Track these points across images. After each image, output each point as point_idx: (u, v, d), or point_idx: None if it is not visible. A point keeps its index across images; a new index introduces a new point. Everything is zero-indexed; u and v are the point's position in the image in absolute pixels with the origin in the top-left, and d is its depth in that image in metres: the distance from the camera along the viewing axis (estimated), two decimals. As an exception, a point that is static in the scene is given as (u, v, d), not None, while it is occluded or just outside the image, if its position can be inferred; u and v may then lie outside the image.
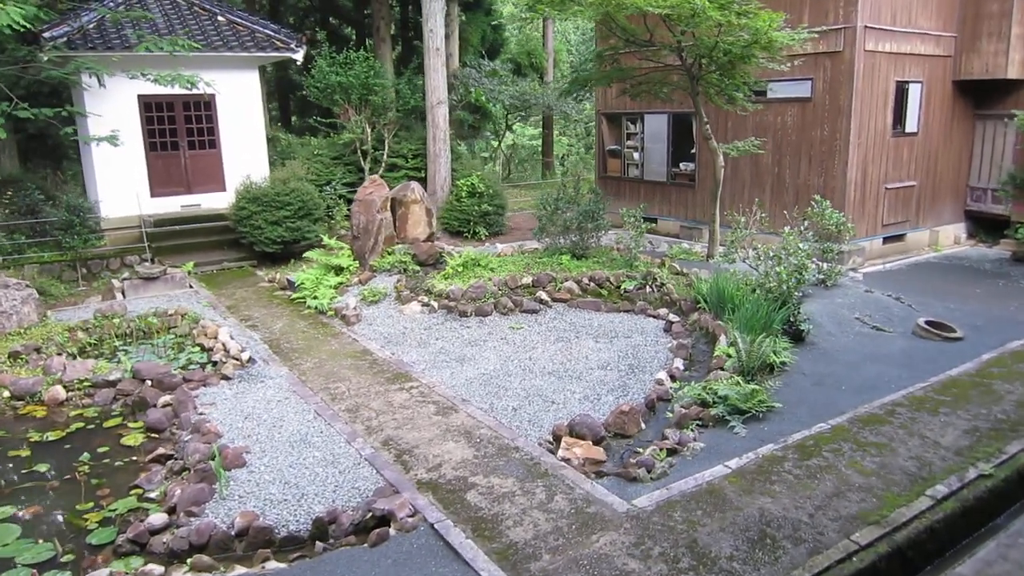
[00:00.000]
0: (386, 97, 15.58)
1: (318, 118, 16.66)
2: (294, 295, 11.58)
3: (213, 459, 6.31)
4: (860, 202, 13.37)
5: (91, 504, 6.22)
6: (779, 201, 14.06)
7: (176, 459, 6.77)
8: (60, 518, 6.06)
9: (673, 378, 8.03)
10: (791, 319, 8.83)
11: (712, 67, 10.82)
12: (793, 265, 8.97)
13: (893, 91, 13.43)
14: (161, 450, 6.94)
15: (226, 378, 8.52)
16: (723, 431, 6.85)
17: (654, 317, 10.11)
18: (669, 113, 16.05)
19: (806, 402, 7.43)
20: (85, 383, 8.48)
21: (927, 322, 9.43)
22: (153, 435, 7.45)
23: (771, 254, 9.17)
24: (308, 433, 7.05)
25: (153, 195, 15.14)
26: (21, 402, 8.23)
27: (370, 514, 5.65)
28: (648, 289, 10.73)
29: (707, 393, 7.24)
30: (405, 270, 11.80)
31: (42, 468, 6.85)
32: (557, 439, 6.78)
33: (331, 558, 5.15)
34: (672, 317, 9.79)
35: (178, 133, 15.28)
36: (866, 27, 12.63)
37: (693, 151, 15.88)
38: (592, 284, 11.00)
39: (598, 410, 7.47)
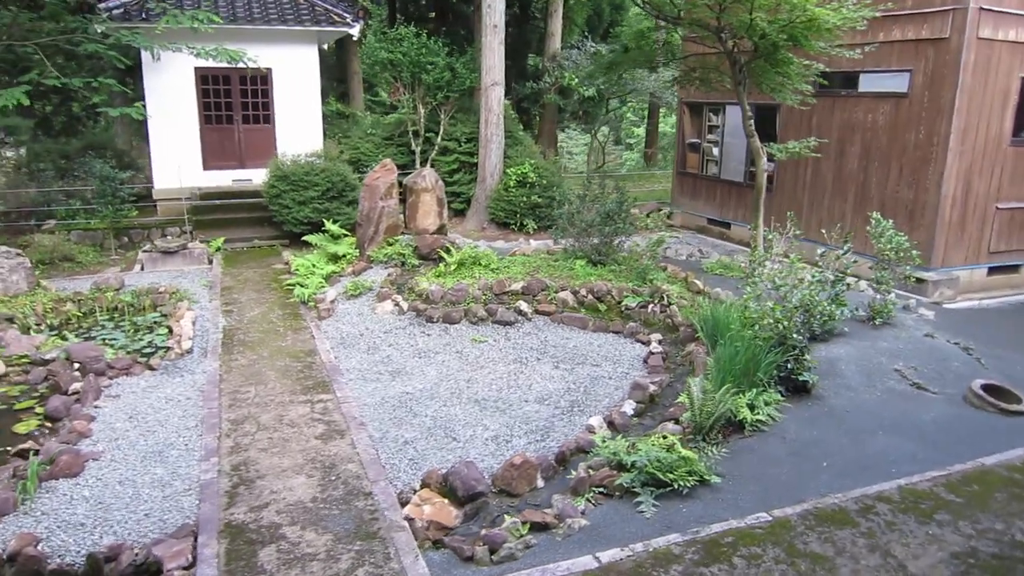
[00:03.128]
0: (440, 76, 14.73)
1: (369, 97, 16.10)
2: (288, 281, 11.09)
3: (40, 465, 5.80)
4: (958, 223, 10.94)
5: (-75, 496, 5.90)
6: (861, 214, 11.84)
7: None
8: None
9: (611, 425, 6.66)
10: (790, 366, 7.12)
11: (755, 51, 9.02)
12: (798, 300, 7.22)
13: (1017, 90, 10.83)
14: (29, 443, 6.56)
15: (151, 368, 8.11)
16: (628, 506, 5.48)
17: (643, 343, 8.64)
18: (752, 104, 14.03)
19: (762, 479, 5.85)
20: (24, 360, 8.36)
21: (984, 386, 7.34)
22: (49, 424, 7.11)
23: (777, 283, 7.44)
24: (173, 444, 6.41)
25: (206, 168, 15.26)
26: (-39, 371, 8.23)
27: (151, 558, 4.89)
28: (651, 308, 9.23)
29: (627, 453, 5.85)
30: (403, 263, 10.97)
31: (-88, 446, 6.66)
32: (427, 487, 5.71)
33: (69, 608, 4.45)
34: (655, 347, 8.29)
35: (233, 107, 15.28)
36: (981, 9, 10.18)
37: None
38: (590, 296, 9.64)
39: (503, 454, 6.29)
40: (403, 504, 5.48)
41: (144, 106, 12.25)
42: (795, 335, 7.02)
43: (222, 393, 7.42)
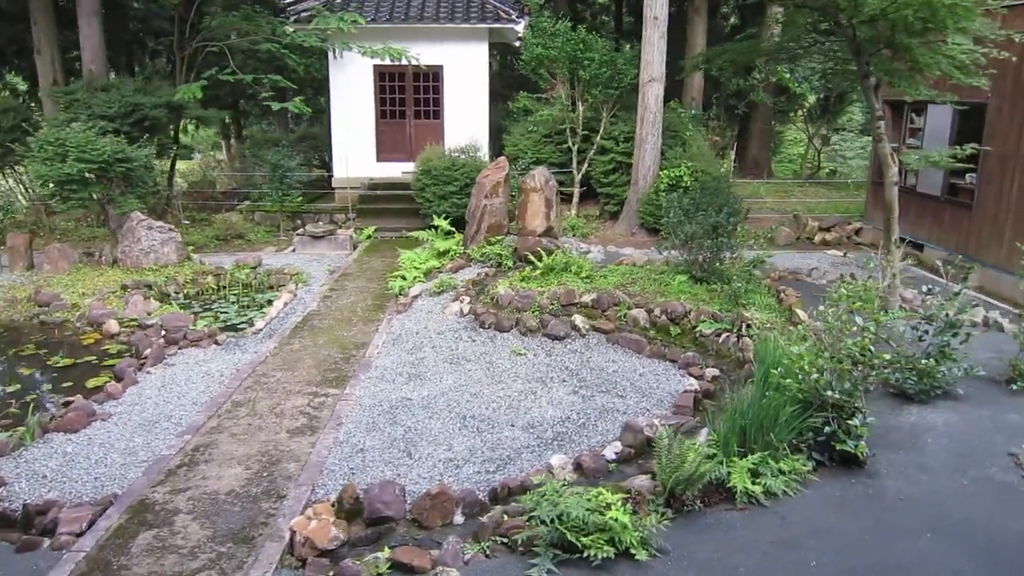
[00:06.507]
0: (598, 72, 14.10)
1: (525, 92, 15.90)
2: (393, 273, 11.37)
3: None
4: None
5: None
6: (1077, 245, 9.12)
7: (81, 409, 7.18)
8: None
9: (579, 468, 5.82)
10: (830, 431, 5.68)
11: (882, 40, 7.27)
12: (845, 354, 5.71)
13: None
14: (77, 397, 7.41)
15: (216, 343, 8.77)
16: (520, 567, 4.73)
17: (696, 378, 7.46)
18: (955, 103, 11.49)
19: (711, 568, 4.72)
20: (134, 323, 9.52)
21: None
22: (114, 382, 8.00)
23: (829, 322, 5.95)
24: (172, 417, 6.86)
25: (379, 160, 16.25)
26: (91, 328, 9.59)
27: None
28: (723, 338, 7.96)
29: (549, 504, 5.07)
30: (499, 264, 10.68)
31: (9, 389, 7.85)
32: (340, 502, 5.46)
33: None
34: (691, 383, 7.09)
35: (406, 102, 16.06)
36: None
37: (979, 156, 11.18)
38: (664, 317, 8.57)
39: (446, 479, 5.79)
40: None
41: (295, 102, 13.21)
42: (829, 391, 5.57)
43: (251, 376, 7.80)
